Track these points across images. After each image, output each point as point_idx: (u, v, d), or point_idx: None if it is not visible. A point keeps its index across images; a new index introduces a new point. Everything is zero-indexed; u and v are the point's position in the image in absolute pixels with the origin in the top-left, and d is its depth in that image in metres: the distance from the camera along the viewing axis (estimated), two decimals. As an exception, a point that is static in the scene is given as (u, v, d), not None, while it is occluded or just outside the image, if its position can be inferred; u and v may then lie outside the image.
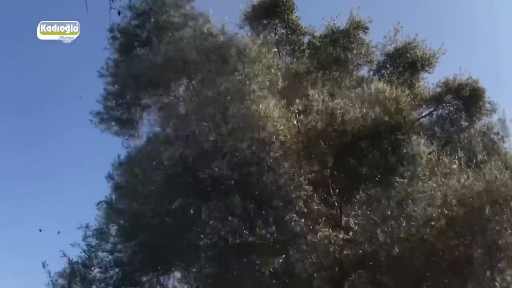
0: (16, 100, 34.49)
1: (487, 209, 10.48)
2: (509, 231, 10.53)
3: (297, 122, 11.89)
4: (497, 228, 10.56)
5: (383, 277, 11.23)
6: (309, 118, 12.04)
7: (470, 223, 10.65)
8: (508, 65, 35.86)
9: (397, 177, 11.36)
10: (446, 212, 10.75)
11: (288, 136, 11.58)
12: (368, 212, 11.52)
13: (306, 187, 11.30)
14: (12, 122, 34.63)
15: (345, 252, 10.81)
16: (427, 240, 10.61)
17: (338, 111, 12.04)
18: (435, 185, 11.11)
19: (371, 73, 18.79)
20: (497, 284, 10.31)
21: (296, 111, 12.14)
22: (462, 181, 11.17)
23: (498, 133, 17.11)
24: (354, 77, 17.36)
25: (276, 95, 12.48)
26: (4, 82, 33.57)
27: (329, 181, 12.18)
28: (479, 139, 16.26)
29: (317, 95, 12.39)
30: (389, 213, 11.01)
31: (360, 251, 10.96)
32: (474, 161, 12.73)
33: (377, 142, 12.06)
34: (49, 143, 36.08)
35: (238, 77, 12.17)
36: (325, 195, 12.03)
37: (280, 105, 12.03)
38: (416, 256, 10.71)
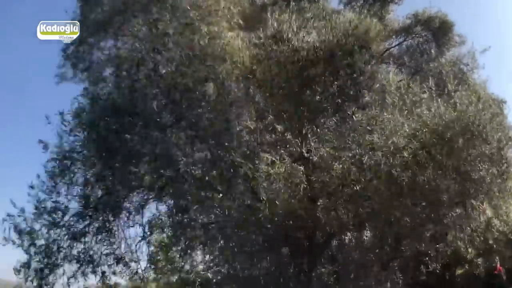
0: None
1: (459, 140, 8.73)
2: (481, 163, 9.00)
3: (255, 52, 9.94)
4: (469, 159, 8.87)
5: (351, 205, 9.72)
6: (267, 47, 10.10)
7: (441, 153, 8.95)
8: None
9: (364, 108, 9.56)
10: (415, 141, 9.00)
11: (247, 66, 9.77)
12: (329, 143, 9.76)
13: (269, 117, 9.75)
14: None
15: (306, 182, 9.51)
16: (393, 170, 8.93)
17: (293, 37, 10.10)
18: (405, 113, 9.31)
19: (341, 5, 16.65)
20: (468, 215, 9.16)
21: (256, 41, 10.13)
22: (433, 109, 9.35)
23: (467, 64, 15.29)
24: (323, 7, 15.06)
25: (236, 26, 10.66)
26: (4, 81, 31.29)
27: (289, 111, 10.33)
28: (449, 68, 14.35)
29: (276, 24, 10.30)
30: (350, 142, 9.42)
31: (323, 181, 9.61)
32: (445, 90, 10.84)
33: (334, 69, 10.15)
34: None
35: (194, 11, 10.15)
36: (286, 126, 10.36)
37: (239, 36, 10.22)
38: (382, 186, 9.16)
